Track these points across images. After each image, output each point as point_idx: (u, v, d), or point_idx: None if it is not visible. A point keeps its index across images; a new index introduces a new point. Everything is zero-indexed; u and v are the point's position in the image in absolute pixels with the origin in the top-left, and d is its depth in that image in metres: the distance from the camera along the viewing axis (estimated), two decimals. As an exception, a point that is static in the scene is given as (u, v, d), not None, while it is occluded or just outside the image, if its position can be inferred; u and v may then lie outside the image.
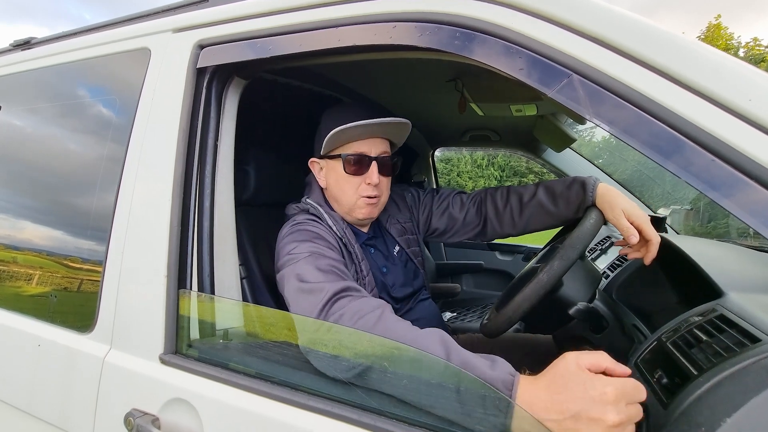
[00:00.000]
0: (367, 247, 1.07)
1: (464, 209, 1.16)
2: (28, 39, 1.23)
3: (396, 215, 1.17)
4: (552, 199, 1.04)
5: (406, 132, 1.01)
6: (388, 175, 1.02)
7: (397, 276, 1.09)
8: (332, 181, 1.01)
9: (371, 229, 1.11)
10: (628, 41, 0.53)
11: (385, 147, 1.00)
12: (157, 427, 0.70)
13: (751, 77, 0.48)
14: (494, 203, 1.13)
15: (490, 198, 1.14)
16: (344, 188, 0.99)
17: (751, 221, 0.46)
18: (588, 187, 0.97)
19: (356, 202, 0.99)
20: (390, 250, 1.12)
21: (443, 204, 1.19)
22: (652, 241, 0.89)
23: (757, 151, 0.46)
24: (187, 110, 0.82)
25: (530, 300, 0.84)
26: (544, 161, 2.28)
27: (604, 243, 1.75)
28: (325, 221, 0.98)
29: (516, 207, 1.09)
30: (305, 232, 0.91)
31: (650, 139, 0.51)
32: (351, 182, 0.98)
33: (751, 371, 0.51)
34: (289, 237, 0.90)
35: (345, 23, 0.71)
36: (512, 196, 1.10)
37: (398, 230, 1.15)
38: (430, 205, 1.20)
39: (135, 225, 0.83)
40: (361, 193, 0.98)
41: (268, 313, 0.83)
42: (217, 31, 0.84)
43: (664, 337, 0.73)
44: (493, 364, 0.58)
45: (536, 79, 0.56)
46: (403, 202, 1.20)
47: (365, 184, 0.97)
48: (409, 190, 1.24)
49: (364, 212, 1.00)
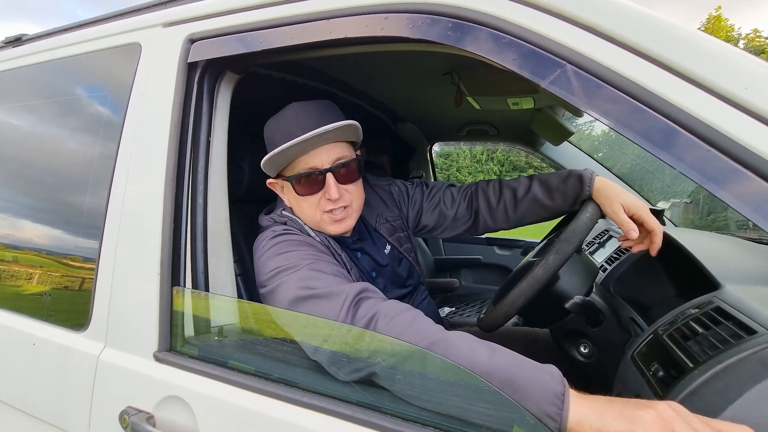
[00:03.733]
0: (353, 252, 1.01)
1: (455, 205, 1.12)
2: (19, 36, 1.22)
3: (385, 213, 1.10)
4: (548, 193, 1.01)
5: (357, 130, 0.89)
6: (352, 180, 0.90)
7: (389, 278, 1.05)
8: (292, 201, 0.93)
9: (355, 232, 1.03)
10: (623, 30, 0.52)
11: (339, 152, 0.88)
12: (152, 424, 0.70)
13: (747, 65, 0.47)
14: (486, 198, 1.09)
15: (482, 192, 1.10)
16: (304, 209, 0.90)
17: (748, 212, 0.46)
18: (585, 180, 0.95)
19: (321, 219, 0.90)
20: (381, 251, 1.06)
21: (434, 200, 1.14)
22: (655, 231, 0.85)
23: (754, 141, 0.46)
24: (179, 106, 0.81)
25: (526, 294, 0.84)
26: (542, 155, 2.27)
27: (602, 236, 1.74)
28: (306, 231, 0.91)
29: (510, 202, 1.06)
30: (291, 243, 0.84)
31: (645, 130, 0.50)
32: (309, 201, 0.89)
33: (747, 363, 0.50)
34: (273, 249, 0.83)
35: (336, 15, 0.70)
36: (505, 191, 1.07)
37: (388, 229, 1.09)
38: (420, 201, 1.14)
39: (128, 222, 0.82)
40: (323, 209, 0.88)
41: (263, 309, 0.83)
42: (207, 24, 0.82)
43: (660, 330, 0.73)
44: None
45: (529, 69, 0.55)
46: (391, 198, 1.13)
47: (325, 200, 0.88)
48: (395, 184, 1.16)
49: (333, 229, 0.91)
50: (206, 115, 0.84)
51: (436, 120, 2.24)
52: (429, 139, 2.53)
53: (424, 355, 0.58)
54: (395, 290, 1.06)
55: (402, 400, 0.58)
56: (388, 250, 1.07)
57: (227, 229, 0.88)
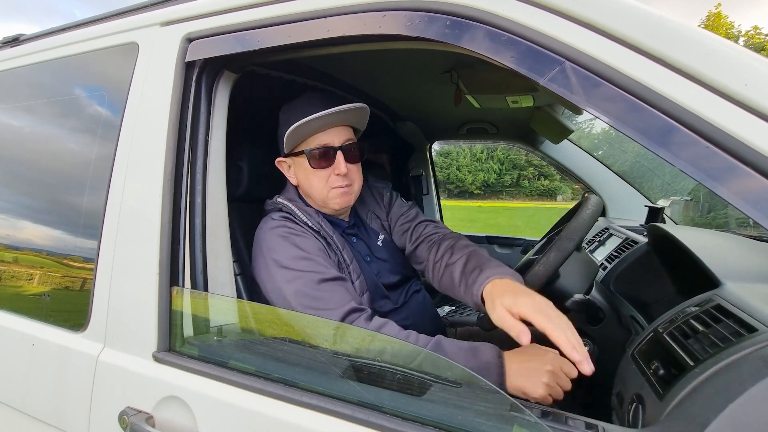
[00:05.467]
0: (348, 236, 1.07)
1: (413, 243, 1.11)
2: (16, 36, 1.22)
3: (376, 210, 1.17)
4: (461, 273, 0.90)
5: (365, 116, 1.01)
6: (356, 161, 1.01)
7: (384, 263, 1.09)
8: (301, 177, 1.01)
9: (351, 217, 1.11)
10: (622, 27, 0.52)
11: (348, 134, 1.00)
12: (151, 425, 0.70)
13: (747, 61, 0.47)
14: (436, 251, 1.02)
15: (435, 246, 1.04)
16: (313, 183, 0.99)
17: (748, 209, 0.45)
18: (480, 277, 0.82)
19: (328, 194, 0.99)
20: (373, 241, 1.11)
21: (403, 226, 1.14)
22: (547, 330, 0.64)
23: (754, 138, 0.45)
24: (177, 105, 0.81)
25: (526, 292, 0.83)
26: (542, 154, 2.27)
27: (602, 234, 1.74)
28: (299, 218, 0.99)
29: (440, 267, 0.98)
30: (287, 244, 0.91)
31: (644, 127, 0.49)
32: (319, 175, 0.98)
33: (747, 361, 0.50)
34: (273, 242, 0.92)
35: (334, 13, 0.69)
36: (446, 254, 0.98)
37: (378, 225, 1.15)
38: (396, 220, 1.17)
39: (126, 222, 0.82)
40: (332, 184, 0.98)
41: (263, 309, 0.83)
42: (205, 23, 0.82)
43: (660, 328, 0.73)
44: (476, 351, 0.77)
45: (528, 67, 0.55)
46: (381, 201, 1.19)
47: (334, 175, 0.97)
48: (389, 190, 1.22)
49: (338, 202, 1.00)
50: (204, 115, 0.83)
51: (435, 118, 2.23)
52: (428, 137, 2.52)
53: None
54: (389, 276, 1.08)
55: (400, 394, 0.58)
56: (381, 238, 1.13)
57: (226, 229, 0.88)
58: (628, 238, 1.43)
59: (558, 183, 33.41)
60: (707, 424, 0.45)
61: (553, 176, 32.13)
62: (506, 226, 15.13)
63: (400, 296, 1.10)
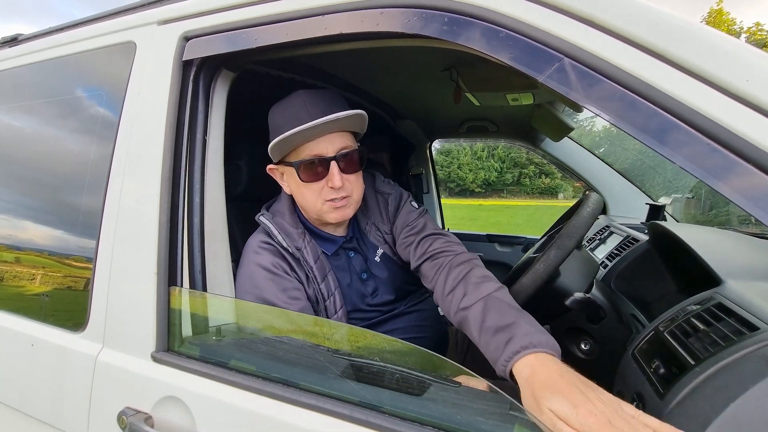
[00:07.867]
0: (346, 251, 1.00)
1: (417, 260, 0.96)
2: (14, 36, 1.21)
3: (377, 221, 1.05)
4: (479, 330, 0.73)
5: (364, 120, 0.90)
6: (355, 170, 0.91)
7: (382, 280, 1.01)
8: (293, 188, 0.93)
9: (350, 230, 1.01)
10: (622, 22, 0.51)
11: (344, 141, 0.88)
12: (150, 425, 0.70)
13: (748, 57, 0.46)
14: (444, 282, 0.86)
15: (444, 274, 0.87)
16: (306, 196, 0.90)
17: (749, 206, 0.45)
18: (510, 346, 0.64)
19: (322, 207, 0.90)
20: (371, 256, 1.02)
21: (407, 239, 1.00)
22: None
23: (755, 134, 0.45)
24: (174, 104, 0.81)
25: (527, 290, 0.83)
26: (543, 152, 2.26)
27: (603, 232, 1.73)
28: (276, 239, 0.92)
29: (452, 306, 0.82)
30: (256, 278, 0.89)
31: (645, 124, 0.49)
32: (311, 189, 0.88)
33: (748, 360, 0.50)
34: (250, 272, 0.90)
35: (331, 11, 0.69)
36: (456, 289, 0.82)
37: (378, 238, 1.04)
38: (400, 231, 1.03)
39: (124, 222, 0.82)
40: (326, 197, 0.88)
41: (261, 309, 0.82)
42: (202, 22, 0.82)
43: (661, 327, 0.72)
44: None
45: (527, 63, 0.54)
46: (386, 210, 1.05)
47: (328, 188, 0.87)
48: (396, 197, 1.06)
49: (333, 216, 0.90)
50: (202, 114, 0.83)
51: (435, 117, 2.23)
52: (428, 135, 2.52)
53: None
54: (387, 294, 1.01)
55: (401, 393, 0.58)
56: (380, 253, 1.04)
57: (224, 228, 0.87)
58: (629, 236, 1.43)
59: (559, 181, 33.38)
60: (708, 423, 0.45)
61: (554, 174, 32.09)
62: (507, 225, 15.14)
63: (399, 307, 1.04)
